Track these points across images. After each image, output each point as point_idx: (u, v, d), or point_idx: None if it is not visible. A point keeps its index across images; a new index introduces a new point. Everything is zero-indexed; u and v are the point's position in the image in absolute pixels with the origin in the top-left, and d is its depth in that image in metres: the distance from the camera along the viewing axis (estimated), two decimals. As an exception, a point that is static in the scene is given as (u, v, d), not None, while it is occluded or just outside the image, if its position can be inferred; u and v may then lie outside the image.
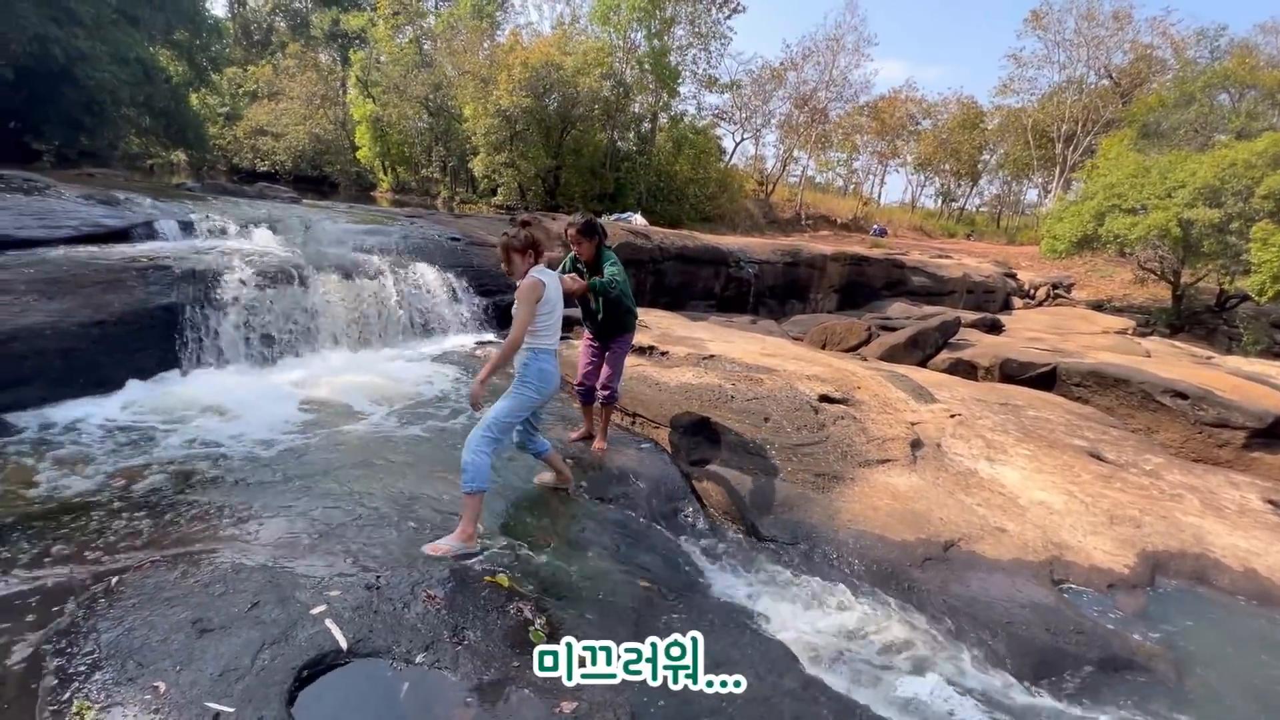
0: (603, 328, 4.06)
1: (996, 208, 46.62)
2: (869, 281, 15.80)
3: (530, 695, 2.10)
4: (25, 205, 5.34)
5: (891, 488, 4.19)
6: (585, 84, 22.65)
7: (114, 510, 2.96)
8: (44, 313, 4.02)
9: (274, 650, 2.09)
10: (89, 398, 4.14)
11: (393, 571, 2.58)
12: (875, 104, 35.95)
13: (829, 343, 8.96)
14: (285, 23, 35.28)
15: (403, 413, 4.63)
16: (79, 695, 1.87)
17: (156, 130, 17.09)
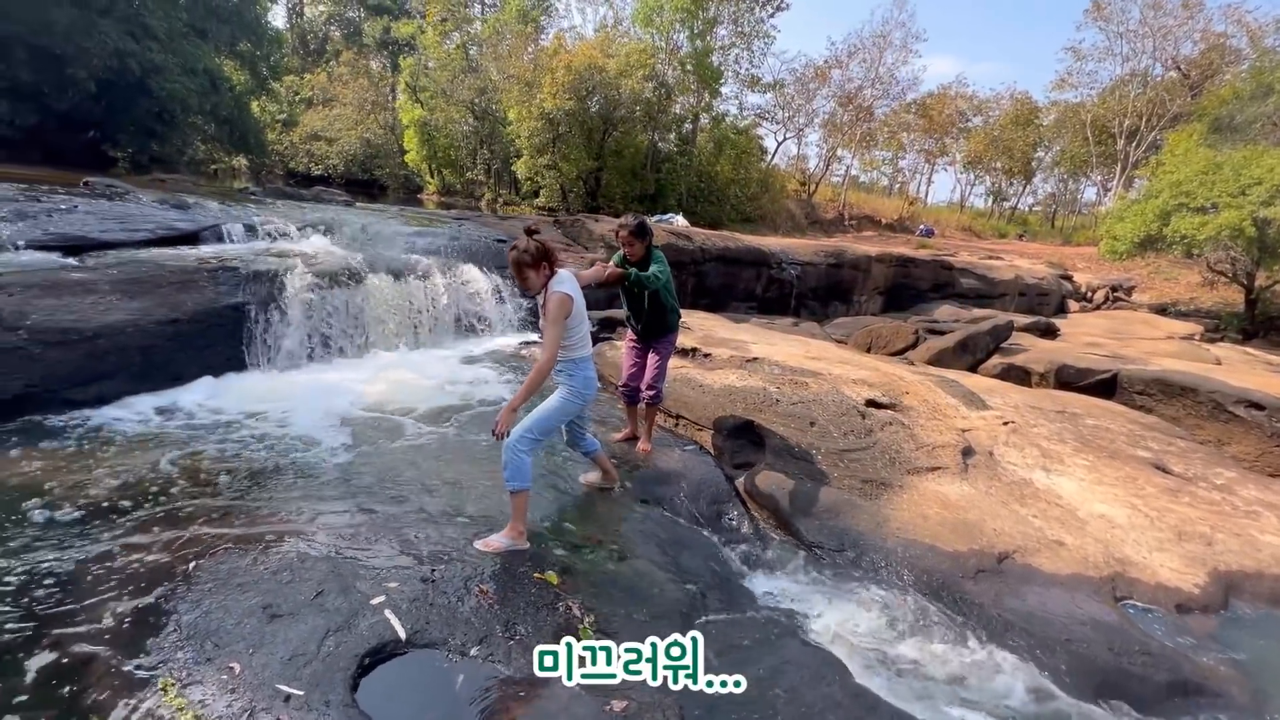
0: (647, 328, 4.09)
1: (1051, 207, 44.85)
2: (915, 283, 15.41)
3: (580, 692, 2.14)
4: (108, 210, 5.71)
5: (942, 496, 4.09)
6: (627, 86, 22.77)
7: (190, 498, 3.14)
8: (125, 311, 4.29)
9: (338, 638, 2.19)
10: (164, 391, 4.39)
11: (446, 566, 2.66)
12: (923, 101, 35.03)
13: (874, 346, 8.79)
14: (339, 31, 36.58)
15: (452, 411, 4.76)
16: (164, 671, 2.00)
17: (221, 137, 17.97)
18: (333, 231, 7.23)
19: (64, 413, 3.96)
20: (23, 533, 2.74)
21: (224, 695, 1.91)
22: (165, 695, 1.91)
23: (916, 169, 42.49)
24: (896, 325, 9.26)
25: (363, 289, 5.86)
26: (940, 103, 35.51)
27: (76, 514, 2.92)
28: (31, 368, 3.82)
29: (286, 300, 5.22)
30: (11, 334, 3.78)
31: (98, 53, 12.23)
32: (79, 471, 3.32)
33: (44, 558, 2.57)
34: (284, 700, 1.92)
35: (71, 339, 3.99)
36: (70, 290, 4.17)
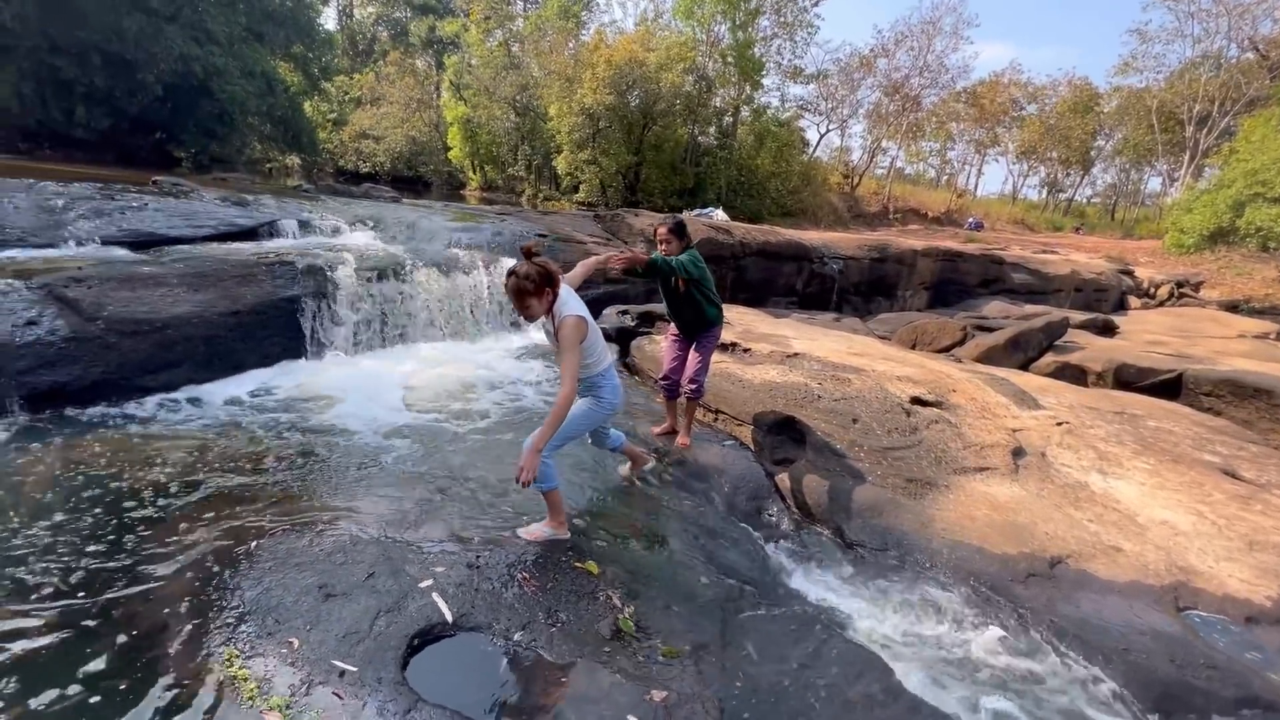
0: (688, 325, 4.09)
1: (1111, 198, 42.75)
2: (963, 279, 14.93)
3: (621, 680, 2.17)
4: (175, 207, 6.01)
5: (990, 497, 3.97)
6: (667, 79, 22.68)
7: (249, 480, 3.30)
8: (191, 303, 4.52)
9: (388, 618, 2.27)
10: (226, 379, 4.62)
11: (490, 552, 2.73)
12: (974, 89, 33.81)
13: (919, 342, 8.56)
14: (387, 32, 37.51)
15: (495, 402, 4.86)
16: (229, 644, 2.11)
17: (276, 136, 18.70)
18: (381, 227, 7.45)
19: (136, 398, 4.20)
20: (100, 510, 2.93)
21: (284, 668, 2.01)
22: (230, 666, 2.02)
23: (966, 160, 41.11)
24: (943, 321, 8.99)
25: (409, 283, 6.02)
26: (992, 90, 34.20)
27: (149, 493, 3.10)
28: (108, 356, 4.06)
29: (337, 293, 5.41)
30: (91, 324, 4.03)
31: (164, 57, 12.88)
32: (150, 453, 3.52)
33: (119, 534, 2.75)
34: (339, 675, 2.01)
35: (143, 329, 4.23)
36: (142, 284, 4.41)
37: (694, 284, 3.88)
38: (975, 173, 45.05)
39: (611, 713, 2.03)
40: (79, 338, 3.96)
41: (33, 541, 2.65)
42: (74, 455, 3.43)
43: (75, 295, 4.08)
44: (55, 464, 3.32)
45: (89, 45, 12.08)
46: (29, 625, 2.17)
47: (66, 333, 3.93)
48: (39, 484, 3.12)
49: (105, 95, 12.83)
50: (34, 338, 3.81)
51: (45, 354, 3.82)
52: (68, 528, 2.76)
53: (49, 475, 3.21)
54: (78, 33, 11.87)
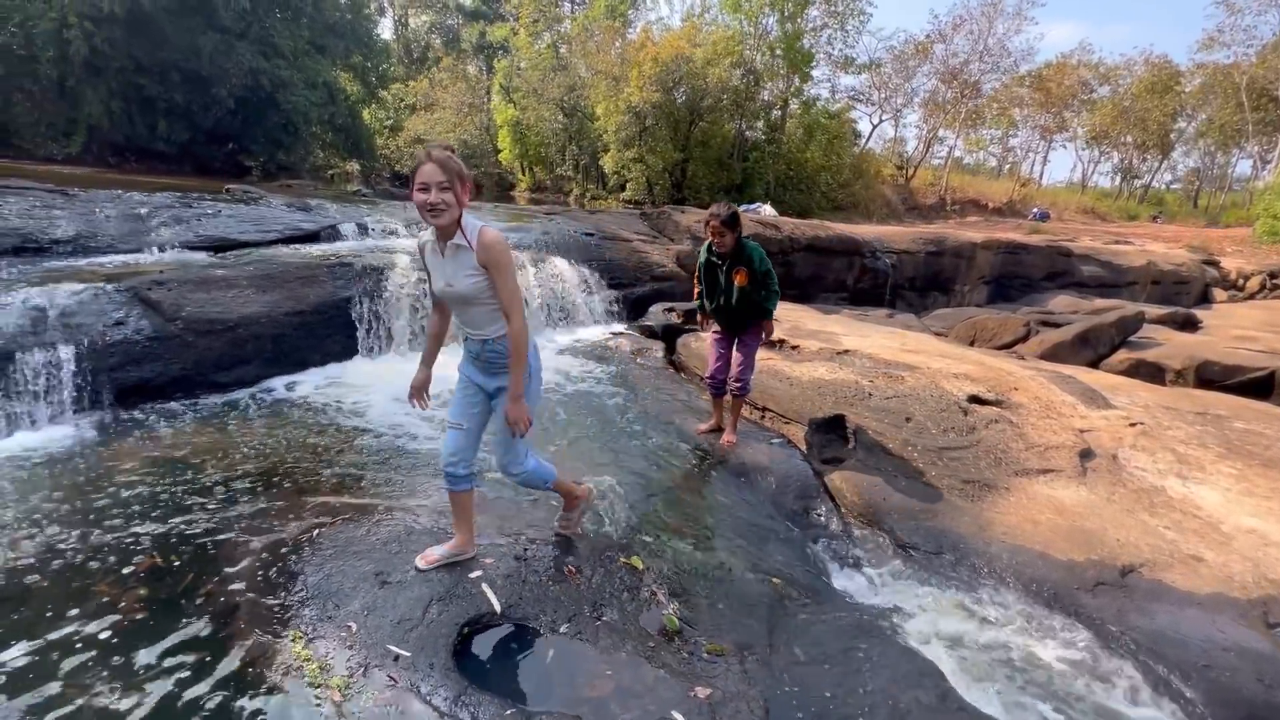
0: (734, 319, 4.03)
1: (1193, 184, 39.91)
2: (1026, 272, 14.24)
3: (666, 676, 2.17)
4: (245, 213, 6.37)
5: (1055, 501, 3.77)
6: (714, 75, 22.49)
7: (312, 471, 3.46)
8: (260, 303, 4.78)
9: (440, 607, 2.34)
10: (291, 375, 4.86)
11: (537, 546, 2.78)
12: (1039, 72, 32.11)
13: (978, 339, 8.22)
14: (440, 39, 38.57)
15: (545, 399, 4.94)
16: (293, 625, 2.23)
17: (337, 144, 19.54)
18: (434, 229, 7.68)
19: (210, 393, 4.48)
20: (179, 497, 3.14)
21: (343, 650, 2.11)
22: (294, 646, 2.13)
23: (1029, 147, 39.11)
24: (1004, 317, 8.60)
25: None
26: (1059, 73, 32.40)
27: (222, 482, 3.30)
28: (186, 353, 4.35)
29: (394, 293, 5.61)
30: (171, 324, 4.32)
31: (235, 72, 13.66)
32: (223, 444, 3.74)
33: (196, 518, 2.93)
34: (394, 660, 2.09)
35: (217, 328, 4.51)
36: (216, 286, 4.70)
37: (760, 278, 3.82)
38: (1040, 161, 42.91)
39: (656, 707, 2.04)
40: (161, 336, 4.26)
41: (122, 525, 2.86)
42: (156, 446, 3.68)
43: (157, 297, 4.38)
44: (141, 453, 3.58)
45: (169, 64, 12.95)
46: (121, 602, 2.35)
47: (150, 332, 4.22)
48: (128, 472, 3.36)
49: (184, 110, 13.71)
50: (122, 337, 4.11)
51: (132, 351, 4.12)
52: (152, 513, 2.97)
53: (136, 464, 3.45)
54: (159, 53, 12.73)
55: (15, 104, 12.27)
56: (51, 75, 12.03)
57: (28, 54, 11.62)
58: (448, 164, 2.01)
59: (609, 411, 4.78)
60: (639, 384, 5.49)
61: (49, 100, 12.40)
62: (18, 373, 3.66)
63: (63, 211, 5.34)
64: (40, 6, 11.23)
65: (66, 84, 12.28)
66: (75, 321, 3.98)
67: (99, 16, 11.54)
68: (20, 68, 11.90)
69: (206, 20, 13.05)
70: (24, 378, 3.69)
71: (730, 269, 3.84)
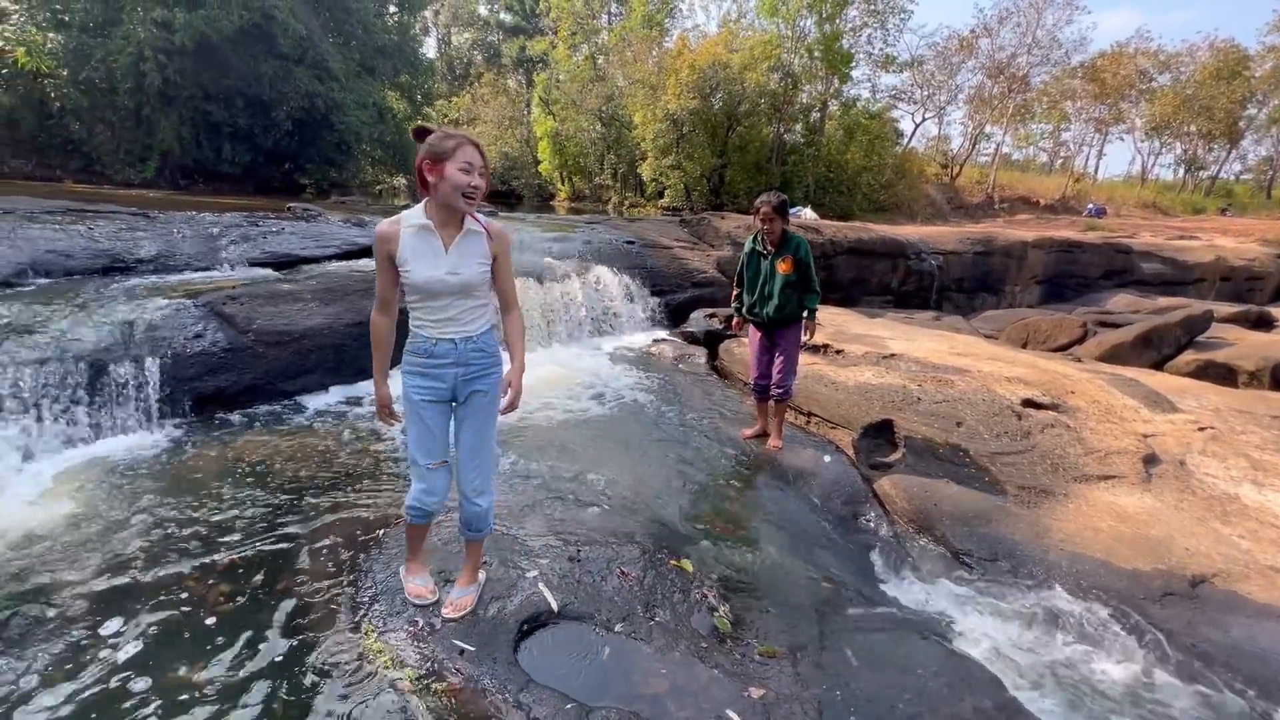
0: (774, 314, 4.01)
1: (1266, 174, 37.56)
2: (1082, 270, 13.71)
3: (719, 676, 2.22)
4: (306, 230, 6.71)
5: (1117, 508, 3.65)
6: (751, 79, 22.43)
7: (375, 473, 3.64)
8: (323, 316, 5.04)
9: (500, 604, 2.45)
10: (351, 385, 5.10)
11: (590, 547, 2.86)
12: (1093, 63, 30.84)
13: (1031, 341, 7.97)
14: (481, 55, 39.64)
15: (590, 403, 5.05)
16: (365, 620, 2.36)
17: (385, 160, 20.30)
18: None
19: (279, 401, 4.74)
20: (256, 498, 3.35)
21: (412, 644, 2.23)
22: (367, 639, 2.26)
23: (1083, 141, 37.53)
24: (1059, 318, 8.31)
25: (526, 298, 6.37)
26: (1115, 63, 31.02)
27: (293, 483, 3.50)
28: (257, 364, 4.62)
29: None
30: (244, 336, 4.60)
31: (293, 96, 14.40)
32: (292, 448, 3.97)
33: (270, 518, 3.13)
34: (459, 654, 2.19)
35: (284, 340, 4.78)
36: (283, 299, 4.98)
37: (804, 269, 3.90)
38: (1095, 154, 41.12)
39: (710, 706, 2.08)
40: (234, 348, 4.54)
41: (204, 524, 3.07)
42: (231, 450, 3.93)
43: (231, 311, 4.67)
44: (218, 457, 3.83)
45: (234, 91, 13.75)
46: (206, 595, 2.54)
47: (225, 344, 4.51)
48: (207, 475, 3.61)
49: (247, 133, 14.52)
50: (200, 349, 4.40)
51: (209, 362, 4.41)
52: (230, 513, 3.18)
53: (214, 467, 3.70)
54: (225, 81, 13.54)
55: (97, 133, 13.23)
56: (129, 105, 12.93)
57: (108, 86, 12.53)
58: (483, 150, 2.03)
59: (653, 417, 4.85)
60: (682, 390, 5.54)
61: (127, 128, 13.32)
62: (110, 382, 3.97)
63: (145, 233, 5.74)
64: (120, 42, 12.10)
65: (142, 113, 13.18)
66: (159, 335, 4.28)
67: (171, 49, 12.36)
68: (102, 100, 12.84)
69: (267, 48, 13.82)
70: (115, 387, 4.00)
71: (775, 258, 3.94)
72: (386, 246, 2.01)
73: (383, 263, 2.04)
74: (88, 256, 5.11)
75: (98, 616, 2.38)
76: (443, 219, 2.03)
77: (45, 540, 2.88)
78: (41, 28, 12.16)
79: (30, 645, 2.22)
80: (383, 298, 2.11)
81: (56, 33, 12.23)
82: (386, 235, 2.01)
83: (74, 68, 12.24)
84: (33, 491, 3.34)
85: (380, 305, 2.13)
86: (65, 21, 12.38)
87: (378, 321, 2.16)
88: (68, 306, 4.24)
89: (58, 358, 3.83)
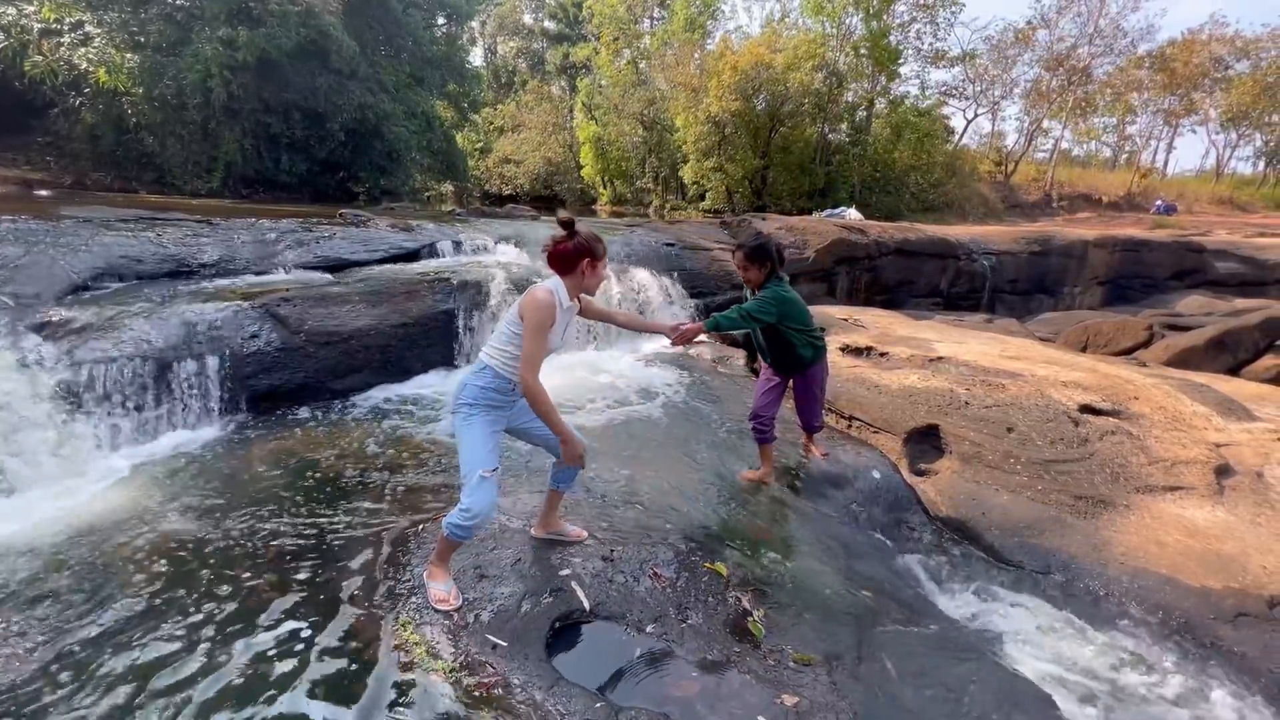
0: (784, 362, 3.56)
1: (1360, 165, 34.80)
2: (1148, 271, 12.98)
3: (752, 682, 2.17)
4: (355, 235, 6.96)
5: (1185, 521, 3.43)
6: (795, 79, 22.15)
7: (415, 470, 3.73)
8: (370, 317, 5.21)
9: (533, 601, 2.47)
10: (396, 384, 5.25)
11: (623, 547, 2.86)
12: (1162, 51, 29.19)
13: (1091, 344, 7.58)
14: (526, 63, 40.35)
15: (627, 404, 5.06)
16: (401, 612, 2.42)
17: (433, 168, 20.86)
18: (523, 244, 8.05)
19: (327, 399, 4.92)
20: (302, 491, 3.48)
21: (447, 637, 2.27)
22: (404, 631, 2.31)
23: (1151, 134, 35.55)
24: (1122, 320, 7.88)
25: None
26: (1187, 50, 29.29)
27: (338, 479, 3.62)
28: (308, 363, 4.81)
29: (487, 306, 5.94)
30: (296, 336, 4.80)
31: (346, 108, 14.96)
32: (339, 445, 4.11)
33: (316, 511, 3.24)
34: (492, 648, 2.22)
35: (334, 340, 4.96)
36: (333, 301, 5.17)
37: (780, 324, 3.33)
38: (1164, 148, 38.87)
39: (742, 711, 2.04)
40: (288, 348, 4.73)
41: (255, 516, 3.20)
42: (282, 446, 4.09)
43: (285, 313, 4.88)
44: (270, 452, 3.99)
45: (292, 104, 14.40)
46: (254, 583, 2.64)
47: (279, 344, 4.71)
48: (259, 469, 3.77)
49: (303, 144, 15.18)
50: (256, 348, 4.61)
51: (264, 361, 4.61)
52: (280, 506, 3.31)
53: (266, 462, 3.86)
54: (284, 95, 14.20)
55: (168, 146, 14.06)
56: (197, 119, 13.71)
57: (179, 102, 13.31)
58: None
59: (691, 419, 4.82)
60: (721, 392, 5.49)
61: (195, 141, 14.12)
62: (176, 380, 4.20)
63: (208, 239, 6.06)
64: (189, 60, 12.85)
65: (209, 126, 13.95)
66: (219, 335, 4.50)
67: (235, 65, 13.04)
68: (173, 115, 13.65)
69: (322, 63, 14.42)
70: (180, 384, 4.23)
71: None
72: (550, 316, 2.33)
73: (546, 329, 2.33)
74: (156, 261, 5.42)
75: (158, 599, 2.51)
76: (572, 296, 2.45)
77: (119, 524, 3.06)
78: (120, 49, 13.02)
79: (94, 623, 2.36)
80: (541, 359, 2.35)
81: (133, 53, 13.06)
82: (552, 308, 2.33)
83: (148, 85, 13.05)
84: (109, 480, 3.57)
85: (538, 367, 2.34)
86: (141, 42, 13.21)
87: (536, 384, 2.32)
88: (139, 308, 4.50)
89: (131, 356, 4.07)
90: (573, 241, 2.36)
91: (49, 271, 4.69)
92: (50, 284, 4.59)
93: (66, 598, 2.51)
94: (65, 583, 2.61)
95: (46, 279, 4.61)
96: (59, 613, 2.42)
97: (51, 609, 2.44)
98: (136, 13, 13.12)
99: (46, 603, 2.48)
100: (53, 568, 2.72)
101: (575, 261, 2.38)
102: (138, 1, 13.14)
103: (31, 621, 2.37)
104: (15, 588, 2.57)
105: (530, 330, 2.28)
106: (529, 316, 2.28)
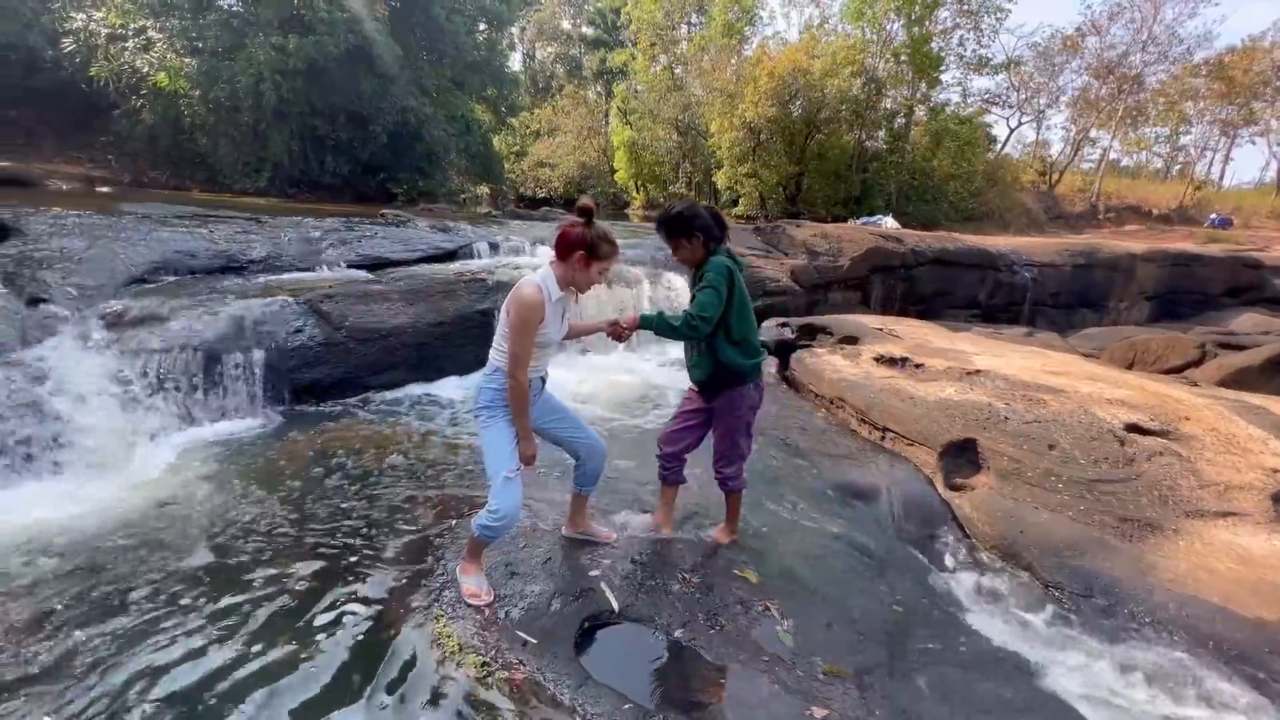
0: (702, 374, 2.76)
1: None
2: (1201, 286, 12.48)
3: (780, 691, 2.16)
4: (396, 234, 7.14)
5: (1238, 549, 3.28)
6: (833, 86, 21.97)
7: (447, 467, 3.81)
8: (408, 315, 5.34)
9: (563, 599, 2.49)
10: (430, 383, 5.37)
11: (653, 550, 2.87)
12: (1220, 59, 28.04)
13: (1138, 361, 7.32)
14: (563, 68, 40.82)
15: (658, 408, 5.07)
16: (436, 606, 2.46)
17: (471, 170, 21.24)
18: (556, 246, 8.14)
19: (364, 394, 5.06)
20: (339, 483, 3.58)
21: (479, 631, 2.30)
22: (437, 624, 2.36)
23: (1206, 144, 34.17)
24: (1172, 337, 7.59)
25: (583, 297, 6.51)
26: (1246, 58, 28.07)
27: (374, 472, 3.72)
28: (348, 358, 4.95)
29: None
30: (337, 332, 4.94)
31: (389, 111, 15.37)
32: (375, 439, 4.21)
33: (353, 503, 3.33)
34: (522, 645, 2.25)
35: (373, 337, 5.09)
36: (373, 299, 5.31)
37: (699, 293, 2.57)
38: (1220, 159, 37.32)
39: (770, 721, 2.03)
40: (329, 343, 4.88)
41: (295, 506, 3.31)
42: (322, 438, 4.22)
43: (327, 309, 5.03)
44: (311, 444, 4.12)
45: (337, 107, 14.86)
46: (292, 571, 2.73)
47: (321, 339, 4.86)
48: (300, 460, 3.89)
49: (347, 146, 15.64)
50: (299, 343, 4.76)
51: (307, 356, 4.76)
52: (319, 497, 3.41)
53: (307, 453, 3.98)
54: (330, 98, 14.66)
55: (220, 147, 14.62)
56: (248, 121, 14.24)
57: (232, 105, 13.84)
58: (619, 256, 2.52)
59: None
60: (751, 399, 5.46)
61: (246, 142, 14.65)
62: (224, 371, 4.36)
63: (256, 236, 6.28)
64: (243, 64, 13.37)
65: (259, 128, 14.46)
66: (265, 329, 4.67)
67: (285, 70, 13.52)
68: (227, 118, 14.20)
69: (367, 67, 14.85)
70: (228, 376, 4.39)
71: (692, 290, 2.68)
72: (537, 314, 2.26)
73: (534, 327, 2.27)
74: (208, 257, 5.65)
75: (200, 587, 2.61)
76: (562, 286, 2.41)
77: (163, 509, 3.20)
78: (179, 53, 13.61)
79: (134, 607, 2.47)
80: (528, 357, 2.31)
81: (191, 58, 13.65)
82: (539, 306, 2.26)
83: (204, 88, 13.62)
84: (160, 464, 3.73)
85: (525, 365, 2.31)
86: (199, 48, 13.81)
87: (524, 382, 2.33)
88: (192, 302, 4.69)
89: (183, 347, 4.25)
90: (578, 230, 2.33)
91: (110, 265, 4.93)
92: (112, 276, 4.82)
93: (108, 581, 2.63)
94: (108, 564, 2.73)
95: (108, 271, 4.84)
96: (103, 596, 2.53)
97: (95, 590, 2.56)
98: (196, 19, 13.71)
99: (89, 582, 2.60)
100: (96, 550, 2.85)
101: (571, 249, 2.33)
102: (197, 8, 13.72)
103: (69, 599, 2.49)
104: (61, 568, 2.70)
105: (516, 329, 2.24)
106: (514, 315, 2.25)
